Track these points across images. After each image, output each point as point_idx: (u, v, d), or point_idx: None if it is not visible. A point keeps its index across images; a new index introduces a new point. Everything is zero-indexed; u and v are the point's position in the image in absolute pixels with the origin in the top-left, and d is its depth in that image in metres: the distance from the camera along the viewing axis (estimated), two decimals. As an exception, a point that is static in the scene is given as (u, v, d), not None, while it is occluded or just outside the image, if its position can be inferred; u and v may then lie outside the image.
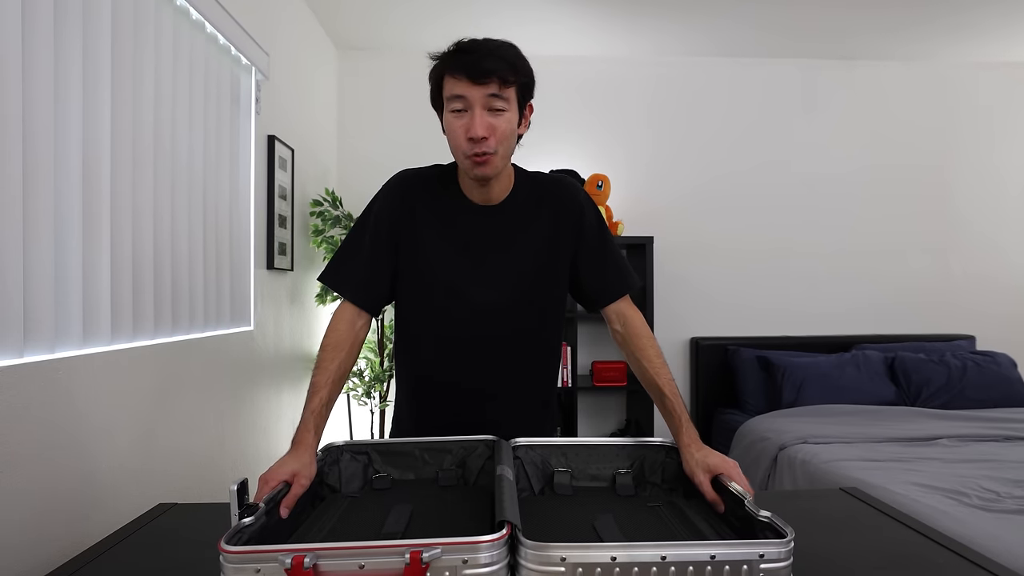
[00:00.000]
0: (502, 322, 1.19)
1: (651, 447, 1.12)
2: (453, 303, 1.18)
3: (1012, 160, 3.51)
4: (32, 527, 1.08)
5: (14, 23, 1.05)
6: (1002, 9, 2.82)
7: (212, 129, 1.81)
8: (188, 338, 1.66)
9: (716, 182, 3.40)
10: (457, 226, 1.18)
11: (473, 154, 1.07)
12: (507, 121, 1.07)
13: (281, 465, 0.93)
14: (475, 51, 1.05)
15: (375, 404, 2.87)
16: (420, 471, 1.11)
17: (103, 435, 1.29)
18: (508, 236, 1.19)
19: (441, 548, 0.66)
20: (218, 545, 0.67)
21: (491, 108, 1.05)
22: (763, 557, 0.69)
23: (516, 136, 1.12)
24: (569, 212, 1.21)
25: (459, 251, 1.18)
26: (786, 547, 0.70)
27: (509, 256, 1.19)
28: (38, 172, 1.12)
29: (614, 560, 0.68)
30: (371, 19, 2.92)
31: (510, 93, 1.06)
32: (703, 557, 0.68)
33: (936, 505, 1.73)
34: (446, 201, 1.20)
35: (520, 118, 1.12)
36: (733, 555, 0.69)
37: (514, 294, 1.19)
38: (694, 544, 0.70)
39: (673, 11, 2.85)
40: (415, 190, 1.20)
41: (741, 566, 0.69)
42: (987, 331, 3.46)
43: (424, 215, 1.19)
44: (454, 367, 1.21)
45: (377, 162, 3.26)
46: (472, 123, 1.05)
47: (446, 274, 1.18)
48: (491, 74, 1.03)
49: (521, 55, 1.10)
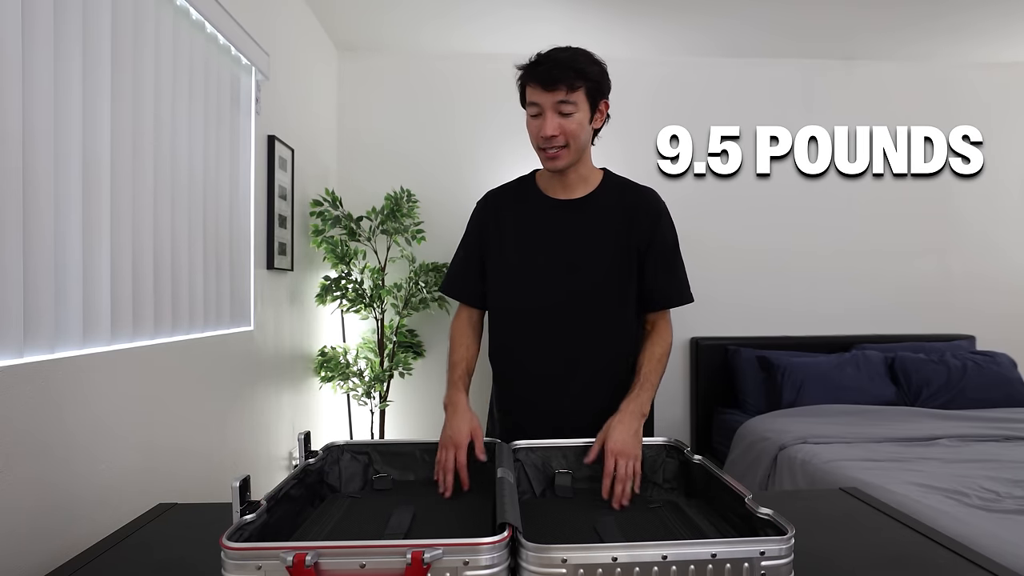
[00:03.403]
0: (579, 307, 1.29)
1: (651, 447, 1.12)
2: (521, 284, 1.31)
3: (1011, 160, 3.51)
4: (32, 527, 1.08)
5: (14, 23, 1.05)
6: (1002, 9, 2.83)
7: (212, 129, 1.81)
8: (188, 338, 1.66)
9: (716, 182, 3.40)
10: (540, 219, 1.33)
11: (545, 149, 1.25)
12: (576, 121, 1.23)
13: (456, 430, 1.12)
14: (546, 62, 1.22)
15: (375, 404, 2.87)
16: (420, 472, 1.11)
17: (103, 435, 1.29)
18: (588, 227, 1.31)
19: (443, 549, 0.66)
20: (220, 541, 0.67)
21: (561, 111, 1.22)
22: (764, 554, 0.69)
23: (589, 131, 1.28)
24: (646, 214, 1.33)
25: (541, 239, 1.32)
26: (787, 544, 0.70)
27: (588, 245, 1.30)
28: (38, 172, 1.12)
29: (615, 561, 0.68)
30: (371, 19, 2.92)
31: (578, 96, 1.22)
32: (704, 556, 0.69)
33: (936, 505, 1.73)
34: (529, 201, 1.37)
35: (593, 115, 1.27)
36: (734, 553, 0.69)
37: (590, 282, 1.29)
38: (695, 543, 0.70)
39: (673, 11, 2.85)
40: (498, 199, 1.41)
41: (742, 564, 0.69)
42: (987, 331, 3.46)
43: (508, 216, 1.36)
44: (532, 349, 1.32)
45: (377, 162, 3.26)
46: (544, 124, 1.22)
47: (529, 258, 1.31)
48: (559, 82, 1.20)
49: (591, 60, 1.26)
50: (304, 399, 2.71)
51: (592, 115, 1.27)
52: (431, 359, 3.19)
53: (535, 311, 1.31)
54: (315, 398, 2.87)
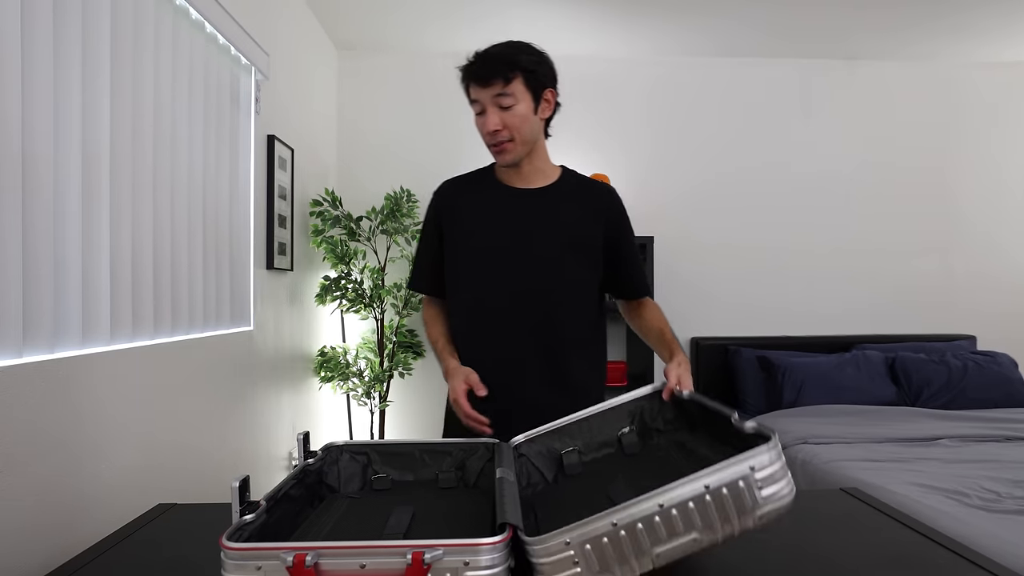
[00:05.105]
0: (545, 289, 1.29)
1: (645, 398, 1.12)
2: (485, 269, 1.31)
3: (1013, 160, 3.51)
4: (32, 527, 1.08)
5: (14, 23, 1.05)
6: (1003, 9, 2.82)
7: (212, 129, 1.81)
8: (188, 338, 1.66)
9: (716, 182, 3.40)
10: (501, 205, 1.34)
11: (493, 145, 1.27)
12: (517, 113, 1.23)
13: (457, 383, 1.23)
14: (479, 58, 1.23)
15: (375, 404, 2.87)
16: (419, 472, 1.10)
17: (103, 435, 1.29)
18: (550, 213, 1.32)
19: (443, 550, 0.66)
20: (220, 542, 0.67)
21: (501, 105, 1.22)
22: (754, 469, 0.68)
23: (536, 122, 1.28)
24: (610, 208, 1.37)
25: (494, 223, 1.32)
26: (772, 450, 0.69)
27: (550, 230, 1.31)
28: (38, 171, 1.12)
29: (616, 525, 0.67)
30: (371, 19, 2.92)
31: (515, 87, 1.22)
32: (698, 490, 0.68)
33: (936, 505, 1.73)
34: (487, 190, 1.37)
35: (538, 105, 1.26)
36: (725, 478, 0.68)
37: (555, 264, 1.30)
38: (685, 481, 0.68)
39: (672, 11, 2.85)
40: (456, 187, 1.41)
41: (738, 485, 0.68)
42: (988, 331, 3.46)
43: (467, 205, 1.36)
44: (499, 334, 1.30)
45: (377, 162, 3.26)
46: (486, 120, 1.24)
47: (480, 242, 1.32)
48: (493, 76, 1.21)
49: (526, 50, 1.25)
50: (304, 399, 2.71)
51: (537, 106, 1.26)
52: (431, 359, 3.18)
53: (502, 294, 1.29)
54: (315, 398, 2.87)
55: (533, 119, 1.26)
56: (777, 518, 0.69)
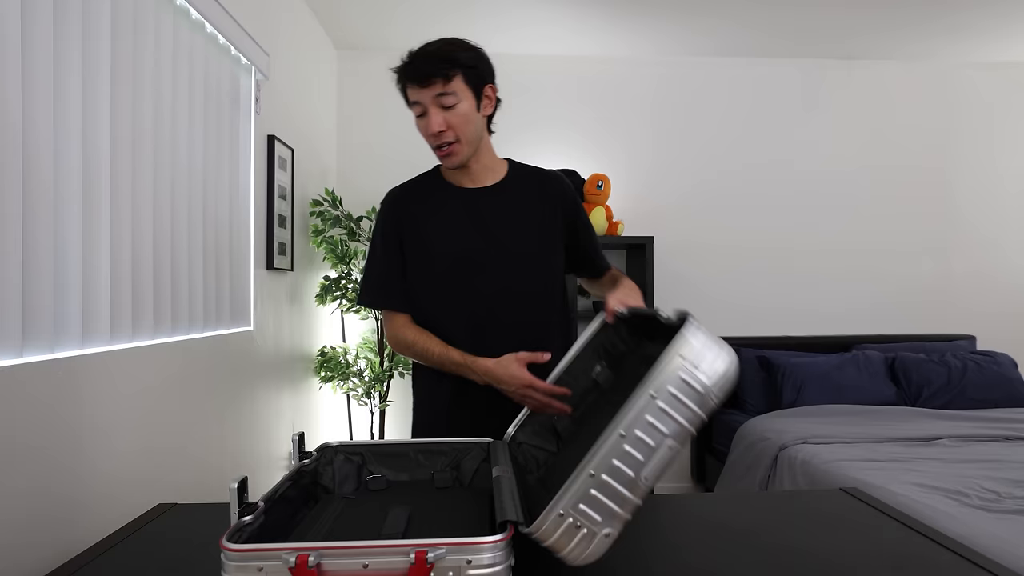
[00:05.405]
0: (516, 284, 1.27)
1: (600, 331, 1.12)
2: (452, 271, 1.27)
3: (1012, 160, 3.51)
4: (32, 527, 1.08)
5: (14, 23, 1.05)
6: (1002, 9, 2.83)
7: (212, 129, 1.80)
8: (188, 338, 1.66)
9: (716, 182, 3.40)
10: (455, 207, 1.30)
11: (438, 147, 1.23)
12: (460, 112, 1.20)
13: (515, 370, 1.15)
14: (416, 58, 1.19)
15: (375, 404, 2.87)
16: (414, 472, 1.10)
17: (103, 435, 1.29)
18: (510, 208, 1.30)
19: (446, 548, 0.66)
20: (220, 543, 0.67)
21: (443, 105, 1.19)
22: (684, 357, 0.68)
23: (479, 120, 1.24)
24: (564, 194, 1.35)
25: (461, 226, 1.28)
26: (692, 330, 0.70)
27: (513, 225, 1.29)
28: (38, 172, 1.11)
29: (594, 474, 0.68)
30: (371, 19, 2.91)
31: (456, 85, 1.18)
32: (647, 402, 0.68)
33: (937, 505, 1.73)
34: (439, 193, 1.32)
35: (479, 102, 1.23)
36: (664, 378, 0.68)
37: (523, 258, 1.28)
38: (632, 400, 0.68)
39: (674, 11, 2.85)
40: (406, 196, 1.34)
41: (679, 378, 0.68)
42: (987, 331, 3.46)
43: (426, 211, 1.31)
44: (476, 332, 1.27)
45: (377, 162, 3.25)
46: (429, 122, 1.20)
47: (451, 246, 1.28)
48: (432, 75, 1.17)
49: (463, 47, 1.21)
50: (304, 399, 2.71)
51: (479, 103, 1.23)
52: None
53: (481, 296, 1.26)
54: (315, 398, 2.87)
55: (476, 117, 1.23)
56: (729, 385, 0.70)
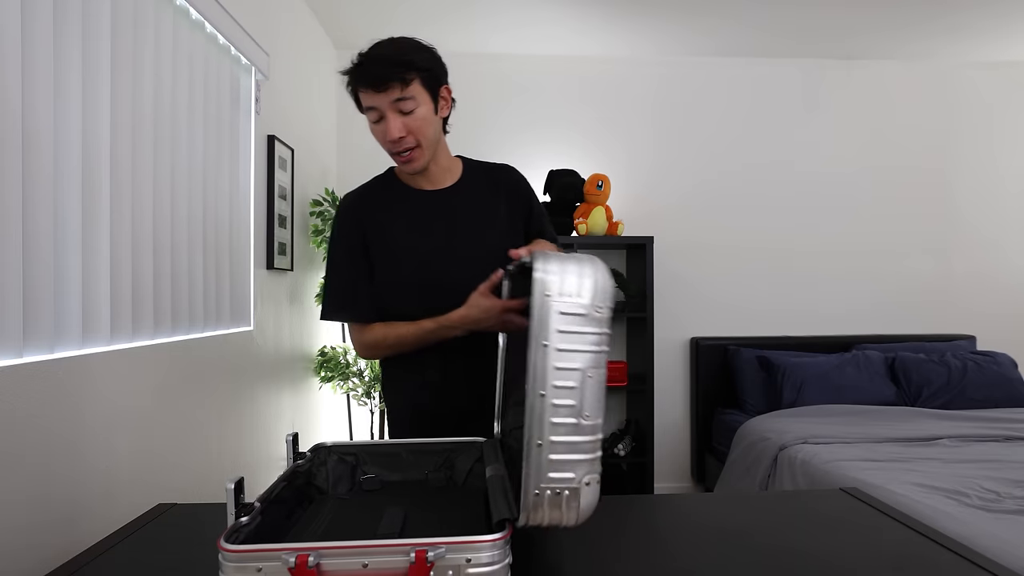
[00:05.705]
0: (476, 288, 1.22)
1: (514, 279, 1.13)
2: (425, 275, 1.25)
3: (1012, 160, 3.51)
4: (32, 527, 1.08)
5: (14, 23, 1.05)
6: (1002, 9, 2.83)
7: (212, 129, 1.81)
8: (188, 338, 1.66)
9: (716, 182, 3.40)
10: (417, 211, 1.27)
11: (397, 153, 1.19)
12: (420, 116, 1.16)
13: (484, 301, 1.14)
14: (370, 61, 1.13)
15: (375, 404, 2.87)
16: (408, 472, 1.10)
17: (103, 435, 1.29)
18: (472, 207, 1.28)
19: (445, 547, 0.66)
20: (217, 544, 0.67)
21: (401, 110, 1.15)
22: (549, 295, 0.68)
23: (437, 122, 1.22)
24: (518, 186, 1.35)
25: (424, 228, 1.26)
26: (540, 264, 0.69)
27: (476, 223, 1.27)
28: (38, 172, 1.11)
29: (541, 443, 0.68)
30: (371, 19, 2.92)
31: (414, 89, 1.14)
32: (539, 353, 0.68)
33: (936, 505, 1.73)
34: (397, 197, 1.29)
35: (436, 104, 1.20)
36: (542, 318, 0.68)
37: (488, 255, 1.24)
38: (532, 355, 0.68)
39: (674, 11, 2.85)
40: (365, 202, 1.29)
41: (556, 312, 0.68)
42: (987, 331, 3.46)
43: (390, 217, 1.26)
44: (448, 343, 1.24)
45: (377, 162, 3.23)
46: (388, 128, 1.15)
47: (417, 251, 1.25)
48: (389, 80, 1.12)
49: (418, 48, 1.17)
50: (304, 399, 2.71)
51: (436, 105, 1.20)
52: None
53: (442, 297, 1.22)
54: (315, 398, 2.87)
55: (435, 120, 1.20)
56: (608, 292, 0.69)
